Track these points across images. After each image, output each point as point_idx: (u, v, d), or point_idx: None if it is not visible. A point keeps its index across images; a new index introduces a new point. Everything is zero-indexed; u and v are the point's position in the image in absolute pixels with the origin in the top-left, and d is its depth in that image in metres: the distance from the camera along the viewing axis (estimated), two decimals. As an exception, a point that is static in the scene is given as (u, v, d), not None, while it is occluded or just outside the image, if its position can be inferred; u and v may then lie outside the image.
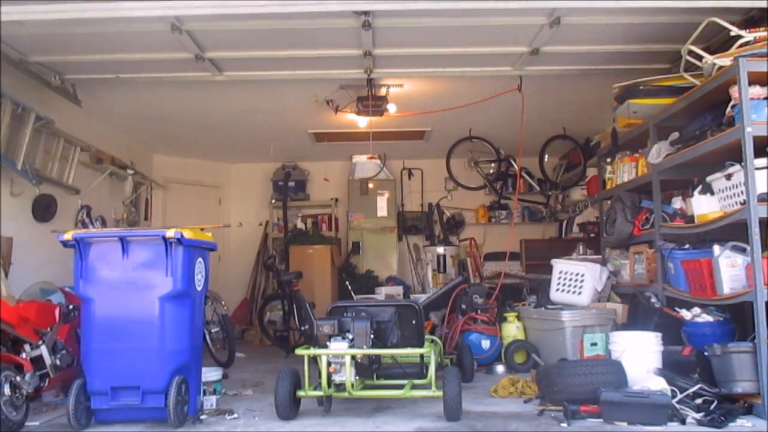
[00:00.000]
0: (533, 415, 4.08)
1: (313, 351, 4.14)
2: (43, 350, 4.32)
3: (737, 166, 4.19)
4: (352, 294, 8.04)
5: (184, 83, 6.17)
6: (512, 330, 6.10)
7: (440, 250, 8.88)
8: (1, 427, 3.70)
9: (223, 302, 6.46)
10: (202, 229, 4.38)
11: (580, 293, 6.04)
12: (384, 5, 4.44)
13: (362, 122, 7.16)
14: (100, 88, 6.35)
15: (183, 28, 4.78)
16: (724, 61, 4.32)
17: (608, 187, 6.40)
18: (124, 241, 3.99)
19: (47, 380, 4.31)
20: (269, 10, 4.21)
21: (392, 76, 6.15)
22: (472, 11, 4.64)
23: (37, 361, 4.28)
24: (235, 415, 4.24)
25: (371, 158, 8.76)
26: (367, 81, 6.06)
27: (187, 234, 4.01)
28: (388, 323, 4.27)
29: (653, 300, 5.16)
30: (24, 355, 4.22)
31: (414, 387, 4.30)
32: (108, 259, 4.00)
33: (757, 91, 4.03)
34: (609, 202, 6.33)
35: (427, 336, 4.79)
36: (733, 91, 4.12)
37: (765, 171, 3.97)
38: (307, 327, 6.87)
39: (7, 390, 3.80)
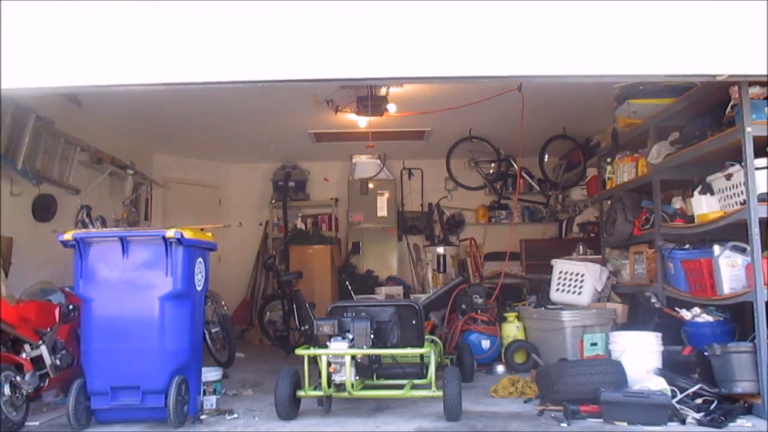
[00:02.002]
0: (533, 415, 4.09)
1: (313, 351, 4.14)
2: (43, 350, 4.31)
3: (737, 166, 4.19)
4: (352, 294, 8.02)
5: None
6: (512, 330, 6.10)
7: (440, 250, 8.88)
8: (1, 427, 3.70)
9: (223, 302, 6.45)
10: (202, 229, 4.39)
11: (580, 293, 6.04)
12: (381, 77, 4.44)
13: (362, 122, 7.15)
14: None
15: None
16: (724, 61, 4.32)
17: (608, 187, 6.40)
18: (124, 241, 3.99)
19: (47, 380, 4.31)
20: (263, 79, 4.09)
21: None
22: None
23: (37, 361, 4.27)
24: (235, 415, 4.24)
25: (369, 147, 8.72)
26: None
27: (187, 234, 4.01)
28: (388, 323, 4.27)
29: (653, 300, 5.16)
30: (24, 355, 4.21)
31: (414, 387, 4.30)
32: (108, 259, 4.01)
33: (757, 91, 4.03)
34: (609, 202, 6.33)
35: (427, 336, 4.79)
36: (733, 91, 4.12)
37: (765, 171, 3.98)
38: (307, 327, 6.87)
39: (7, 390, 3.80)
